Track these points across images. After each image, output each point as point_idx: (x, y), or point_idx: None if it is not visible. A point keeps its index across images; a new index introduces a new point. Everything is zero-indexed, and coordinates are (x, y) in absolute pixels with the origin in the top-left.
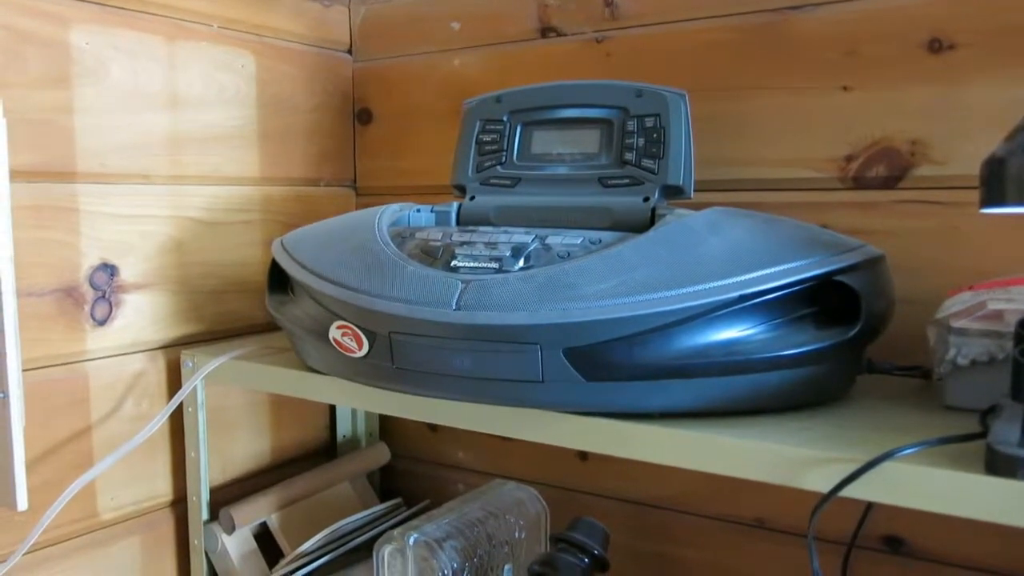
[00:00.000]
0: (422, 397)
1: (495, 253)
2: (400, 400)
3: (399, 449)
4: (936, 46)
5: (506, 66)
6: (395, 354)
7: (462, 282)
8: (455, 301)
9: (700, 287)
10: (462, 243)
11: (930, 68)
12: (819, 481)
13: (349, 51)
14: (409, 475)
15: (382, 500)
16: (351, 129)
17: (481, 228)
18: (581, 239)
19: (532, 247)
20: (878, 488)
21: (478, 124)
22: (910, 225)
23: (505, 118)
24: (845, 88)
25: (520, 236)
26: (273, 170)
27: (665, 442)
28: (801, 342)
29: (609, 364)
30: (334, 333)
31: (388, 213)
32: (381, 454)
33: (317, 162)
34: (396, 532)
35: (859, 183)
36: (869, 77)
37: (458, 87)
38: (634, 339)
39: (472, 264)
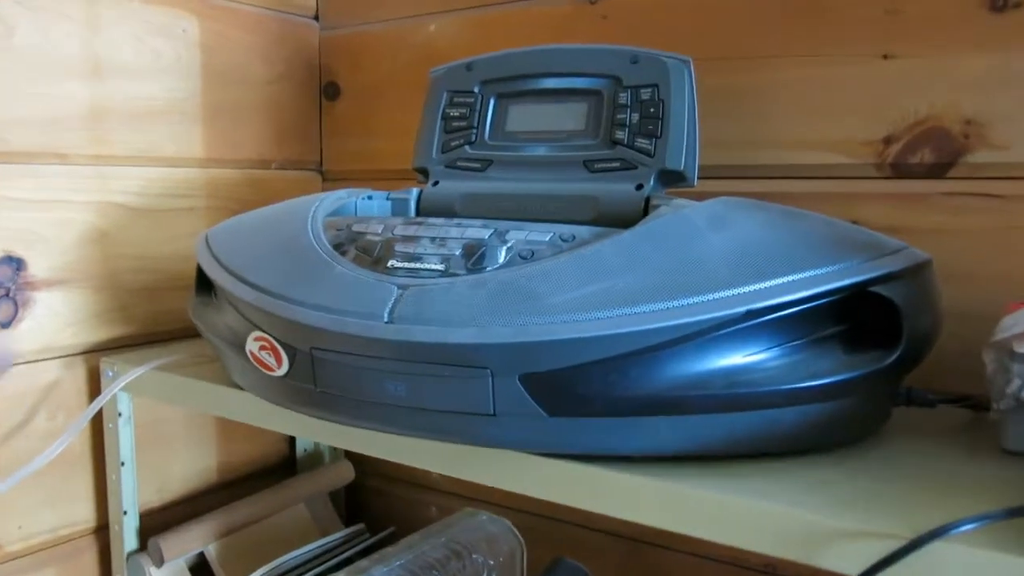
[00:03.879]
0: (352, 428)
1: (443, 251)
2: (328, 427)
3: (368, 466)
4: (999, 3)
5: (488, 32)
6: (317, 374)
7: (399, 288)
8: (387, 312)
9: (697, 299)
10: (405, 238)
11: (991, 30)
12: (845, 561)
13: (315, 17)
14: (378, 495)
15: (347, 523)
16: (317, 105)
17: (431, 220)
18: (550, 235)
19: (489, 244)
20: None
21: (445, 96)
22: (961, 223)
23: (476, 89)
24: (885, 56)
25: (476, 230)
26: (221, 150)
27: (648, 497)
28: (825, 371)
29: (578, 395)
30: (251, 346)
31: (330, 200)
32: (344, 472)
33: (275, 142)
34: None
35: (899, 171)
36: (915, 42)
37: (436, 56)
38: (611, 365)
39: (413, 265)
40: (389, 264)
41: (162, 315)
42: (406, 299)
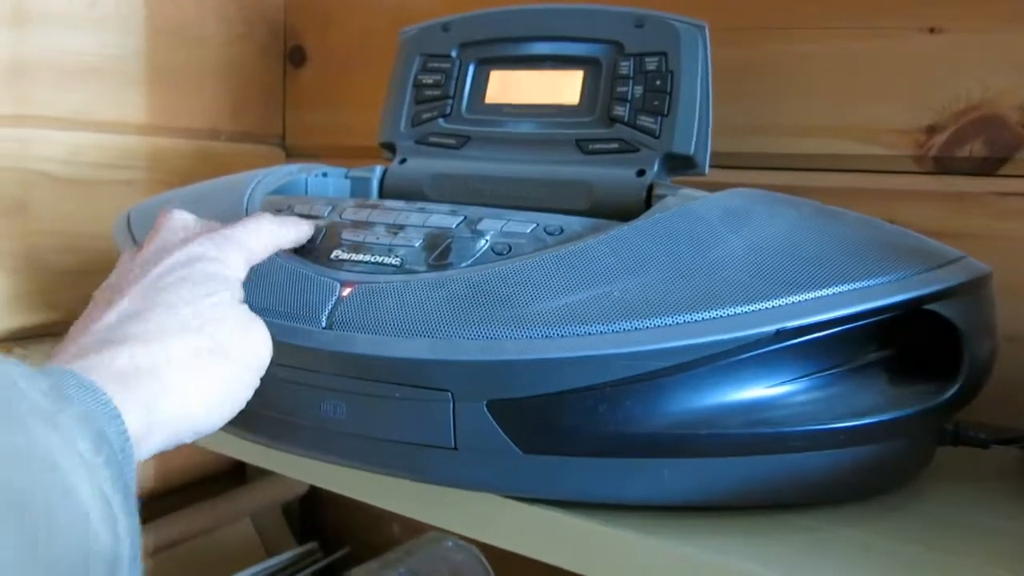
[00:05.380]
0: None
1: (398, 242)
2: (260, 448)
3: None
4: None
5: None
6: None
7: (342, 285)
8: (325, 315)
9: (714, 314)
10: (355, 224)
11: None
12: None
13: None
14: (335, 508)
15: (301, 540)
16: (280, 71)
17: (388, 203)
18: (533, 226)
19: (456, 235)
20: None
21: (417, 61)
22: (1017, 228)
23: (453, 53)
24: (932, 29)
25: (441, 218)
26: (168, 117)
27: (643, 558)
28: (868, 408)
29: (561, 429)
30: None
31: (275, 176)
32: (296, 482)
33: (231, 111)
34: None
35: (944, 165)
36: (968, 13)
37: (415, 18)
38: (602, 393)
39: (362, 257)
40: (333, 255)
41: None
42: (350, 300)
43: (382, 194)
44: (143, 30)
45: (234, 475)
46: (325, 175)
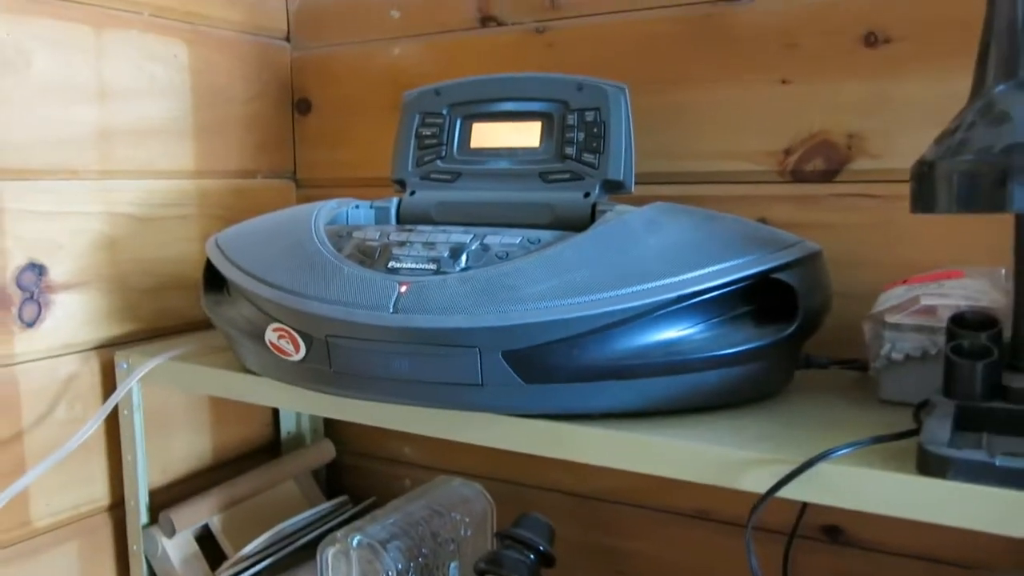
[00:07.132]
0: (362, 400)
1: (433, 254)
2: (340, 403)
3: (345, 445)
4: (872, 39)
5: (446, 56)
6: (332, 357)
7: (399, 284)
8: (392, 304)
9: (638, 288)
10: (400, 243)
11: (867, 61)
12: (756, 482)
13: (287, 39)
14: (355, 471)
15: (328, 498)
16: (290, 120)
17: (419, 227)
18: (520, 239)
19: (471, 248)
20: (813, 489)
21: (417, 117)
22: (847, 219)
23: (444, 111)
24: (784, 81)
25: (458, 236)
26: (209, 163)
27: (605, 444)
28: (739, 341)
29: (548, 366)
30: (270, 336)
31: (326, 210)
32: (326, 451)
33: (255, 154)
34: (339, 534)
35: (797, 176)
36: (807, 70)
37: (397, 77)
38: (573, 341)
39: (410, 265)
40: (389, 265)
41: (163, 313)
42: (407, 293)
43: (399, 218)
44: (188, 95)
45: (270, 449)
46: (357, 207)
